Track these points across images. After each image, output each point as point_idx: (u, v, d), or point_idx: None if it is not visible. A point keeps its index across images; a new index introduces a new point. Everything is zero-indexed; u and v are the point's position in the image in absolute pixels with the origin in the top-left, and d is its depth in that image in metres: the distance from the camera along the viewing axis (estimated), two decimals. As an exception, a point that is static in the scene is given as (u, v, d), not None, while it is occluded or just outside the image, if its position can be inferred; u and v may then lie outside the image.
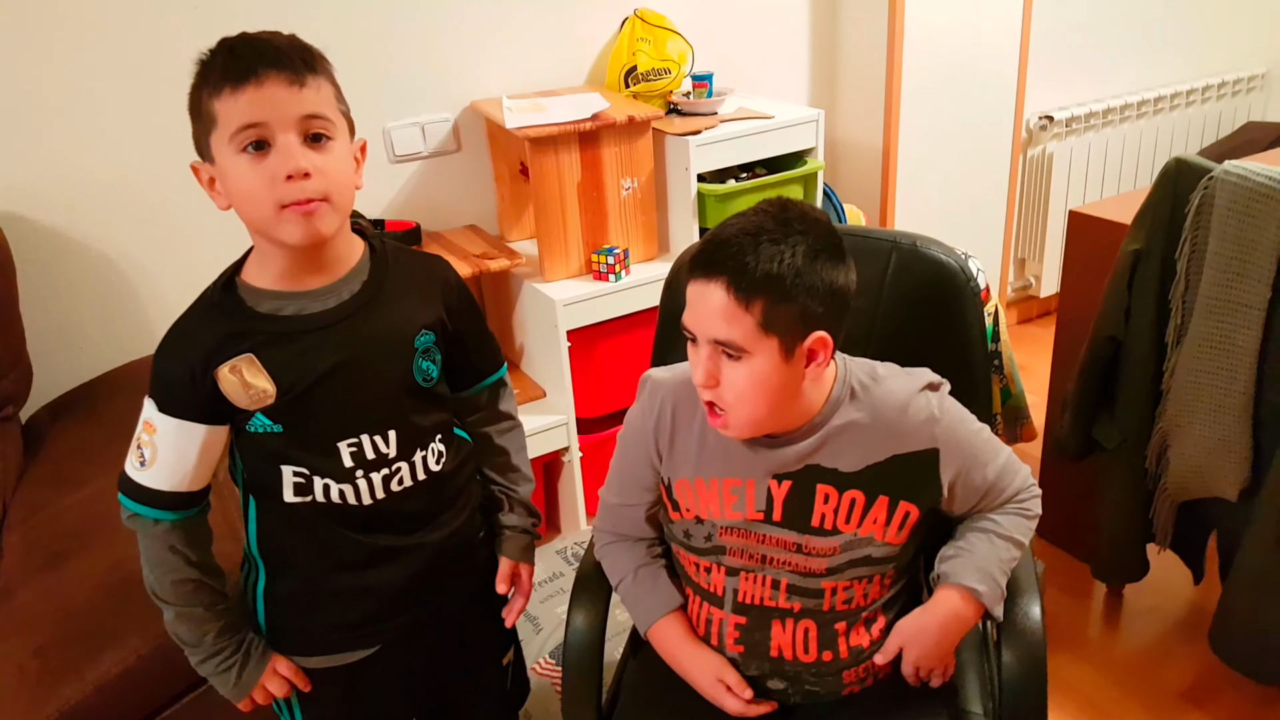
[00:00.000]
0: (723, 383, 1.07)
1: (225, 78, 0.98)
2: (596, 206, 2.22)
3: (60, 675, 1.27)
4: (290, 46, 1.02)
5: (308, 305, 1.10)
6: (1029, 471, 1.24)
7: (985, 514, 1.21)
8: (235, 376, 1.07)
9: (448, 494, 1.25)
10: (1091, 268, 1.96)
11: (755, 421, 1.10)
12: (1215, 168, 1.61)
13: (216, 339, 1.07)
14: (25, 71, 1.86)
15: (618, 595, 1.30)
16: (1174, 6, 3.36)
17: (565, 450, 2.32)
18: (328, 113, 1.03)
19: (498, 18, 2.31)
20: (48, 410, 1.93)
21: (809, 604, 1.17)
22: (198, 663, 1.17)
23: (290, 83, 0.99)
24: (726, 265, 1.02)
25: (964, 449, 1.16)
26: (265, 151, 1.00)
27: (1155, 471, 1.83)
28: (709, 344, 1.06)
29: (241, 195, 1.02)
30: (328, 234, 1.05)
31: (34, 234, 1.93)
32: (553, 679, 1.92)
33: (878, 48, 2.69)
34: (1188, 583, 1.98)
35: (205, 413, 1.08)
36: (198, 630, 1.15)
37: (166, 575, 1.12)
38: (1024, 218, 3.28)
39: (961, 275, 1.35)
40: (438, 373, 1.20)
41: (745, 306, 1.02)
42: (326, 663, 1.23)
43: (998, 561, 1.17)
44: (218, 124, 1.00)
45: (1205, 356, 1.67)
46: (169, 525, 1.11)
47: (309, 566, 1.19)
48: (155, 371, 1.10)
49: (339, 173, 1.04)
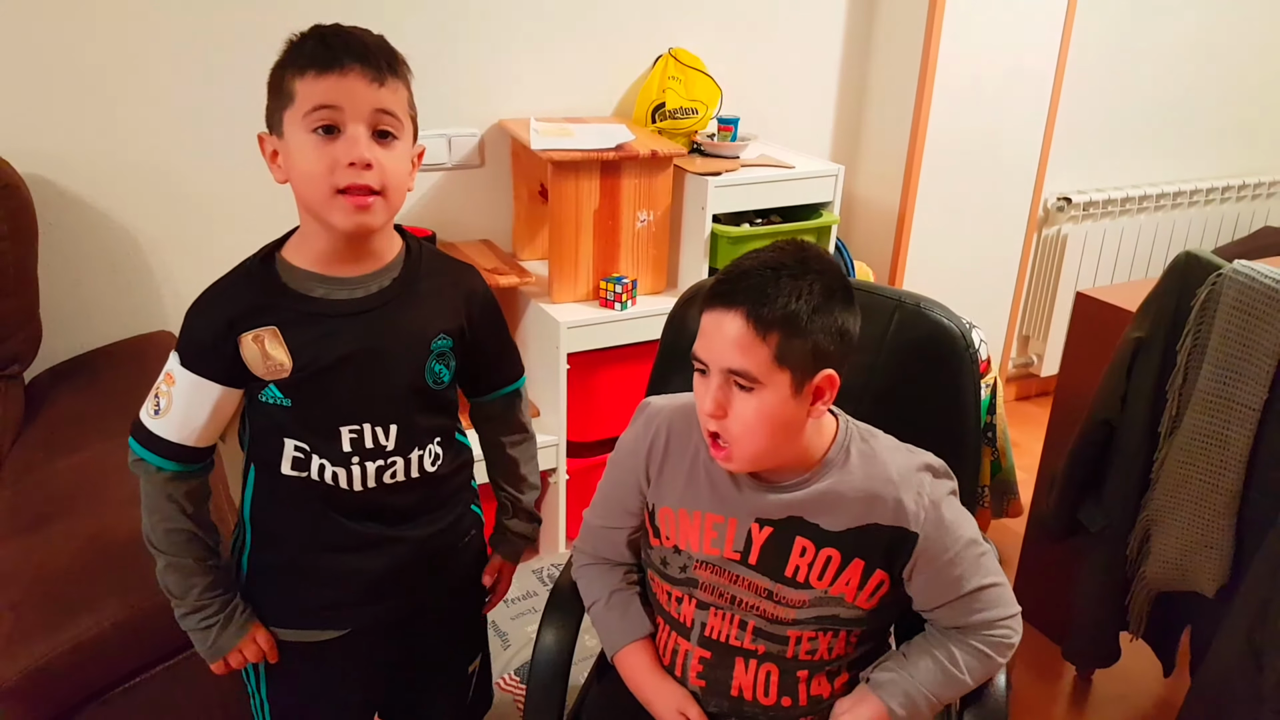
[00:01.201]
0: (731, 414, 1.07)
1: (313, 62, 1.04)
2: (610, 235, 2.25)
3: (35, 632, 1.28)
4: (378, 46, 1.07)
5: (337, 291, 1.13)
6: (1018, 613, 1.22)
7: (950, 636, 1.19)
8: (257, 345, 1.11)
9: (438, 495, 1.27)
10: (1093, 350, 1.98)
11: (758, 455, 1.10)
12: (1225, 265, 1.63)
13: (246, 306, 1.11)
14: (71, 42, 1.90)
15: (589, 617, 1.31)
16: (1202, 104, 3.41)
17: (553, 472, 2.33)
18: (398, 112, 1.08)
19: (536, 41, 2.35)
20: (49, 374, 1.95)
21: (773, 649, 1.17)
22: (181, 616, 1.20)
23: (371, 79, 1.05)
24: (747, 296, 1.04)
25: (944, 546, 1.14)
26: (334, 136, 1.05)
27: (1135, 559, 1.83)
28: (721, 373, 1.06)
29: (302, 173, 1.07)
30: (375, 226, 1.10)
31: (59, 200, 1.96)
32: (515, 695, 1.92)
33: (904, 112, 2.74)
34: (1158, 674, 1.98)
35: (223, 375, 1.12)
36: (185, 582, 1.18)
37: (161, 523, 1.16)
38: (1032, 295, 3.31)
39: (962, 340, 1.36)
40: (449, 377, 1.23)
41: (762, 338, 1.03)
42: (296, 637, 1.25)
43: (930, 694, 1.15)
44: (294, 101, 1.05)
45: (1196, 451, 1.68)
46: (170, 475, 1.15)
47: (293, 541, 1.22)
48: (184, 328, 1.14)
49: (396, 171, 1.09)
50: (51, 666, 1.27)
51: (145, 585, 1.33)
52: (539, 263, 2.43)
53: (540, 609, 2.13)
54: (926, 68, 2.65)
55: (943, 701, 1.17)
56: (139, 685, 1.38)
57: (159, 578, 1.19)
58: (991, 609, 1.18)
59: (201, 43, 1.98)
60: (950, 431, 1.34)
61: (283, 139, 1.08)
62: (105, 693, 1.36)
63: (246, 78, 1.95)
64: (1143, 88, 3.27)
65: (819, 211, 2.46)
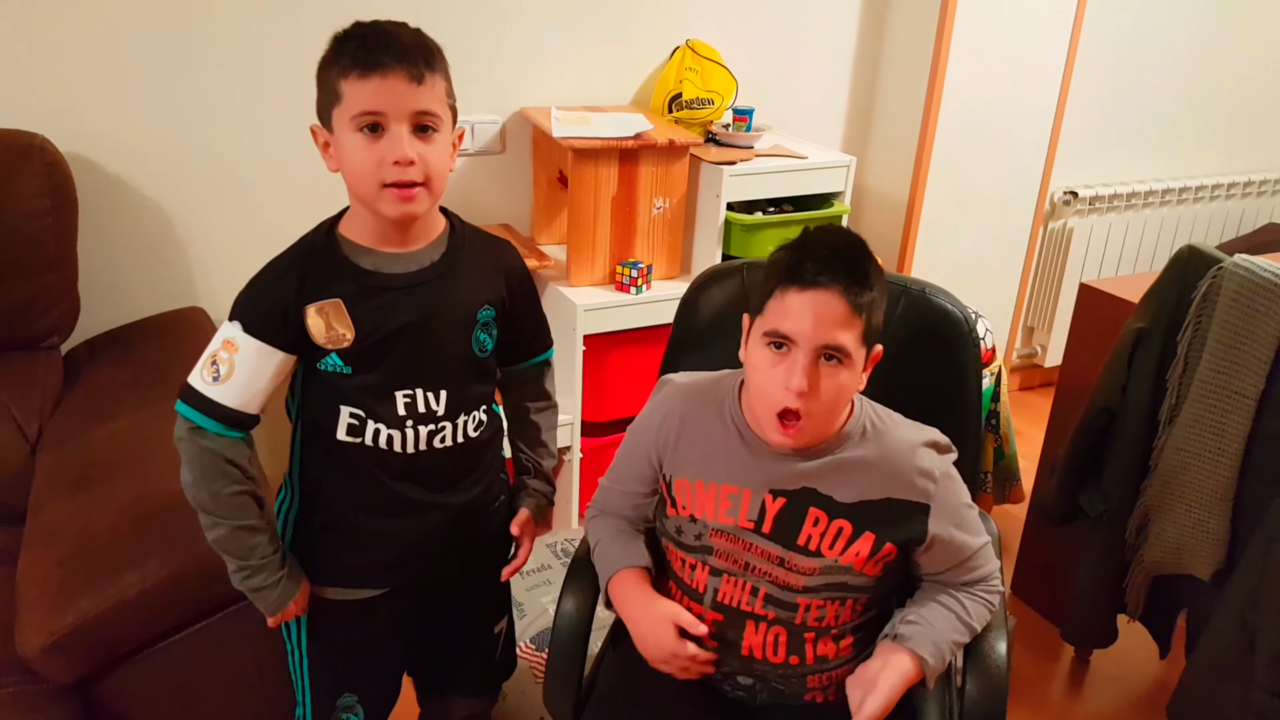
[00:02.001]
0: (818, 391, 1.11)
1: (355, 64, 1.10)
2: (627, 221, 2.30)
3: (80, 588, 1.33)
4: (415, 44, 1.14)
5: (393, 265, 1.21)
6: (999, 565, 1.30)
7: (952, 589, 1.25)
8: (321, 317, 1.18)
9: (478, 461, 1.35)
10: (1096, 341, 2.02)
11: (824, 428, 1.17)
12: (1225, 259, 1.67)
13: (313, 279, 1.18)
14: (110, 24, 1.95)
15: (593, 557, 1.36)
16: (1209, 101, 3.45)
17: (567, 450, 2.38)
18: (437, 109, 1.15)
19: (557, 32, 2.40)
20: (86, 346, 2.01)
21: (782, 615, 1.22)
22: (243, 578, 1.24)
23: (411, 79, 1.11)
24: (841, 274, 1.10)
25: (953, 514, 1.21)
26: (379, 135, 1.12)
27: (1134, 543, 1.87)
28: (813, 351, 1.10)
29: (351, 168, 1.14)
30: (420, 214, 1.18)
31: (98, 178, 2.01)
32: (532, 663, 1.98)
33: (915, 106, 2.78)
34: (1154, 656, 2.03)
35: (288, 342, 1.19)
36: (248, 543, 1.22)
37: (223, 488, 1.20)
38: (1038, 287, 3.35)
39: (965, 325, 1.40)
40: (491, 346, 1.30)
41: (858, 314, 1.10)
42: (337, 595, 1.32)
43: (951, 641, 1.22)
44: (342, 102, 1.11)
45: (1195, 438, 1.73)
46: (229, 440, 1.20)
47: (340, 505, 1.28)
48: (248, 298, 1.20)
49: (438, 162, 1.16)
50: (97, 622, 1.32)
51: (186, 545, 1.40)
52: (557, 247, 2.48)
53: (553, 581, 2.22)
54: (937, 62, 2.69)
55: (958, 648, 1.24)
56: (179, 641, 1.44)
57: (218, 544, 1.22)
58: (986, 564, 1.26)
59: (239, 25, 2.03)
60: (953, 411, 1.38)
61: (333, 134, 1.15)
62: (147, 648, 1.42)
63: (281, 59, 2.01)
64: (1150, 84, 3.30)
65: (830, 201, 2.51)
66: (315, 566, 1.31)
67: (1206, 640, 1.73)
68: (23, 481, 1.67)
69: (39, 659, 1.31)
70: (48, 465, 1.65)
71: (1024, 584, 2.37)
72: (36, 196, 1.75)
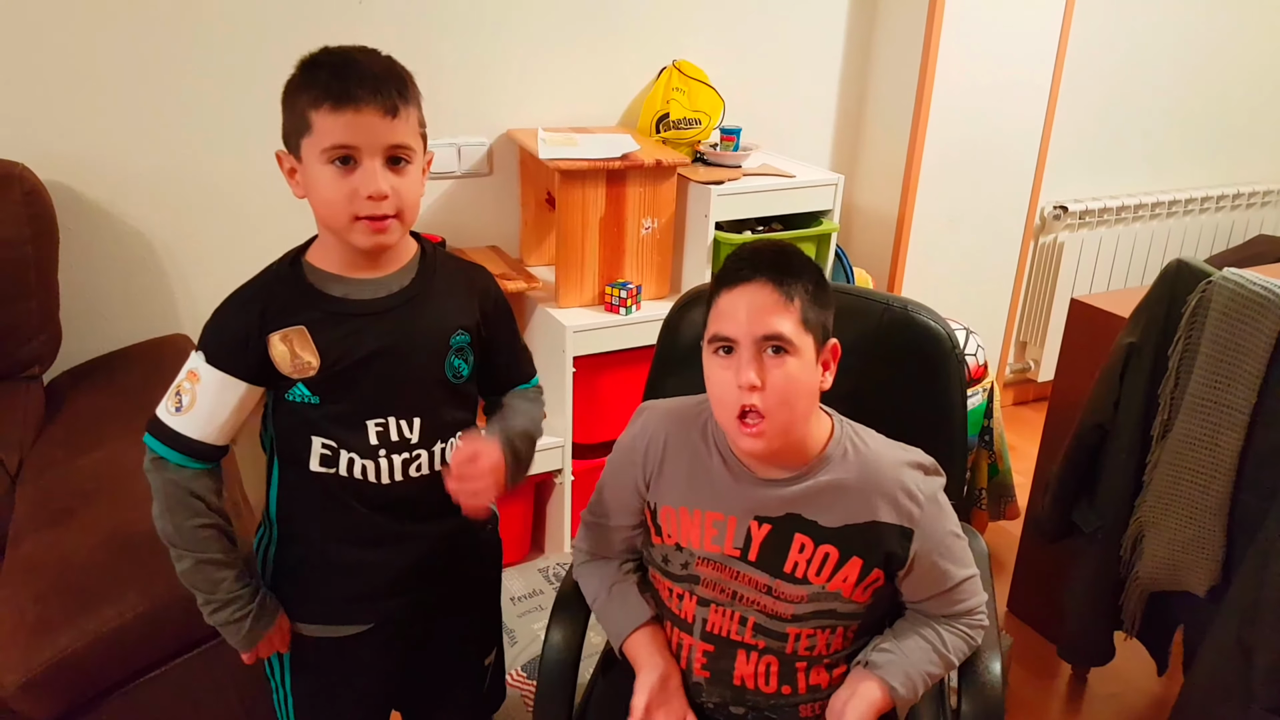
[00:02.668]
0: (767, 384, 1.10)
1: (327, 95, 1.07)
2: (615, 241, 2.29)
3: (58, 624, 1.31)
4: (388, 74, 1.11)
5: (360, 291, 1.18)
6: (987, 599, 1.28)
7: (934, 620, 1.24)
8: (285, 345, 1.15)
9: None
10: (1088, 355, 2.01)
11: (789, 426, 1.13)
12: (1214, 272, 1.67)
13: (276, 307, 1.16)
14: (90, 50, 1.94)
15: (594, 614, 1.34)
16: (1197, 114, 3.46)
17: (558, 472, 2.37)
18: (410, 140, 1.13)
19: (543, 53, 2.40)
20: (68, 375, 1.99)
21: (773, 644, 1.21)
22: (211, 611, 1.21)
23: (385, 113, 1.09)
24: (768, 267, 1.11)
25: (938, 542, 1.19)
26: (351, 167, 1.10)
27: (1129, 560, 1.87)
28: (753, 345, 1.10)
29: (322, 200, 1.12)
30: (392, 244, 1.17)
31: (77, 205, 2.00)
32: (523, 691, 1.96)
33: (903, 123, 2.78)
34: (1151, 673, 2.01)
35: (251, 373, 1.16)
36: (214, 576, 1.19)
37: (186, 520, 1.17)
38: (1029, 302, 3.35)
39: (948, 342, 1.40)
40: (468, 371, 1.27)
41: (789, 301, 1.10)
42: (320, 632, 1.29)
43: (925, 673, 1.20)
44: (312, 133, 1.09)
45: (1188, 454, 1.72)
46: (193, 472, 1.17)
47: (320, 538, 1.25)
48: (212, 328, 1.18)
49: (410, 193, 1.14)
50: (75, 657, 1.30)
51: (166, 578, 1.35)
52: (545, 268, 2.47)
53: (545, 606, 2.20)
54: (925, 79, 2.70)
55: (933, 680, 1.22)
56: (160, 676, 1.42)
57: (185, 578, 1.20)
58: (971, 598, 1.24)
59: (221, 50, 2.02)
60: (939, 431, 1.38)
61: (301, 163, 1.13)
62: (127, 683, 1.39)
63: (262, 85, 1.99)
64: (1138, 97, 3.31)
65: (819, 220, 2.50)
66: (296, 603, 1.28)
67: (1204, 656, 1.73)
68: (2, 514, 1.64)
69: (16, 697, 1.29)
70: (28, 497, 1.63)
71: (1020, 601, 2.36)
72: (15, 225, 1.74)
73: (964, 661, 1.26)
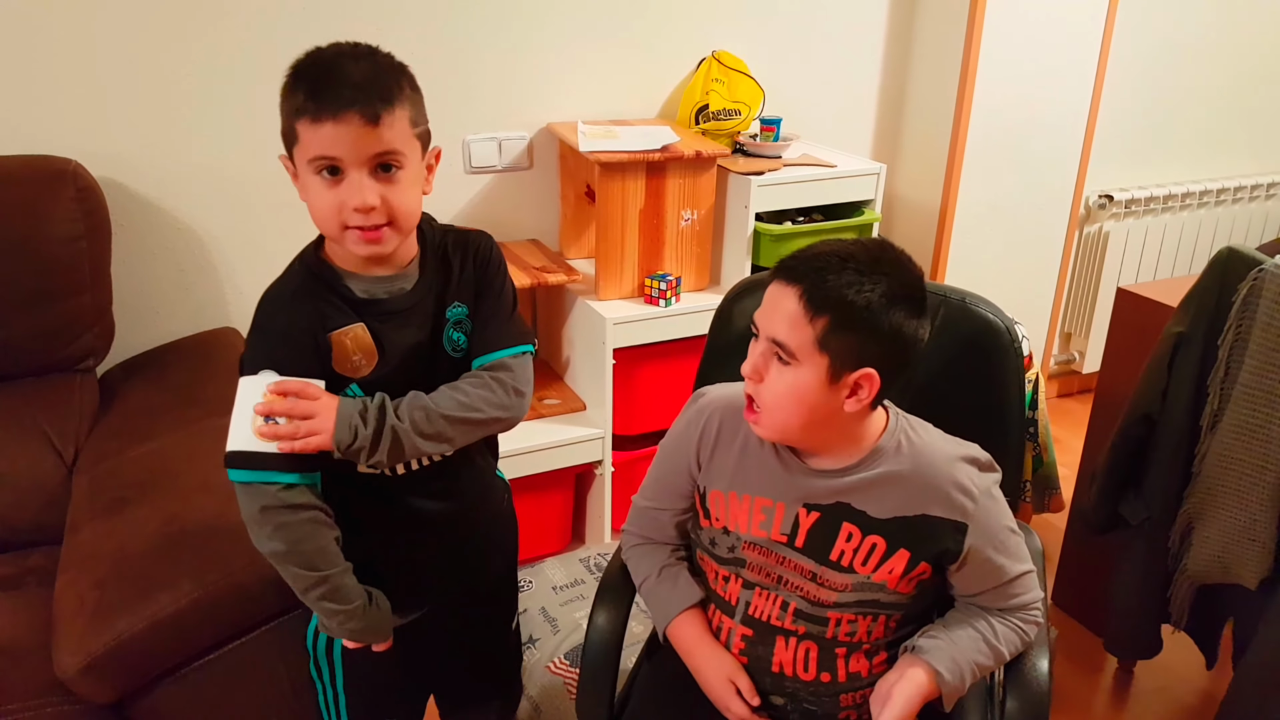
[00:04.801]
0: (765, 382, 1.12)
1: (306, 107, 1.06)
2: (655, 233, 2.30)
3: (117, 610, 1.35)
4: (371, 80, 1.07)
5: (388, 287, 1.18)
6: (1042, 596, 1.26)
7: (988, 612, 1.23)
8: (348, 343, 1.15)
9: (478, 466, 1.34)
10: (1135, 346, 1.99)
11: (784, 428, 1.15)
12: (1266, 260, 1.64)
13: (329, 304, 1.15)
14: (141, 50, 1.98)
15: (640, 596, 1.35)
16: (1245, 101, 3.39)
17: (599, 464, 2.38)
18: (399, 145, 1.09)
19: (582, 47, 2.41)
20: (121, 368, 2.03)
21: (813, 629, 1.21)
22: (345, 620, 1.18)
23: (366, 121, 1.05)
24: (808, 276, 1.08)
25: (992, 536, 1.18)
26: (338, 178, 1.09)
27: (1177, 552, 1.84)
28: (767, 341, 1.11)
29: (314, 209, 1.12)
30: (387, 253, 1.15)
31: (130, 202, 2.04)
32: (565, 679, 1.97)
33: (945, 111, 2.76)
34: (1200, 667, 1.99)
35: (320, 371, 1.15)
36: (347, 585, 1.17)
37: (327, 539, 1.15)
38: (1074, 293, 3.31)
39: (1007, 335, 1.38)
40: (466, 344, 1.25)
41: (810, 319, 1.07)
42: None
43: (974, 663, 1.19)
44: (299, 142, 1.08)
45: (1239, 444, 1.69)
46: (317, 487, 1.16)
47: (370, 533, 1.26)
48: (270, 339, 1.14)
49: (403, 200, 1.11)
50: (133, 642, 1.34)
51: (219, 565, 1.41)
52: (585, 261, 2.48)
53: (587, 596, 2.21)
54: (967, 66, 2.67)
55: (982, 672, 1.21)
56: (212, 661, 1.45)
57: (329, 599, 1.16)
58: (1026, 593, 1.23)
59: (267, 46, 2.06)
60: (995, 425, 1.36)
61: (295, 170, 1.13)
62: (183, 667, 1.43)
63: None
64: (1184, 84, 3.25)
65: (861, 210, 2.49)
66: None
67: (1255, 650, 1.70)
68: (60, 503, 1.69)
69: (76, 680, 1.32)
70: (84, 487, 1.67)
71: (1065, 594, 2.34)
72: (70, 221, 1.78)
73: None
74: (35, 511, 1.72)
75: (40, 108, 1.94)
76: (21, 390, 1.81)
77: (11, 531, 1.71)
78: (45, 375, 1.85)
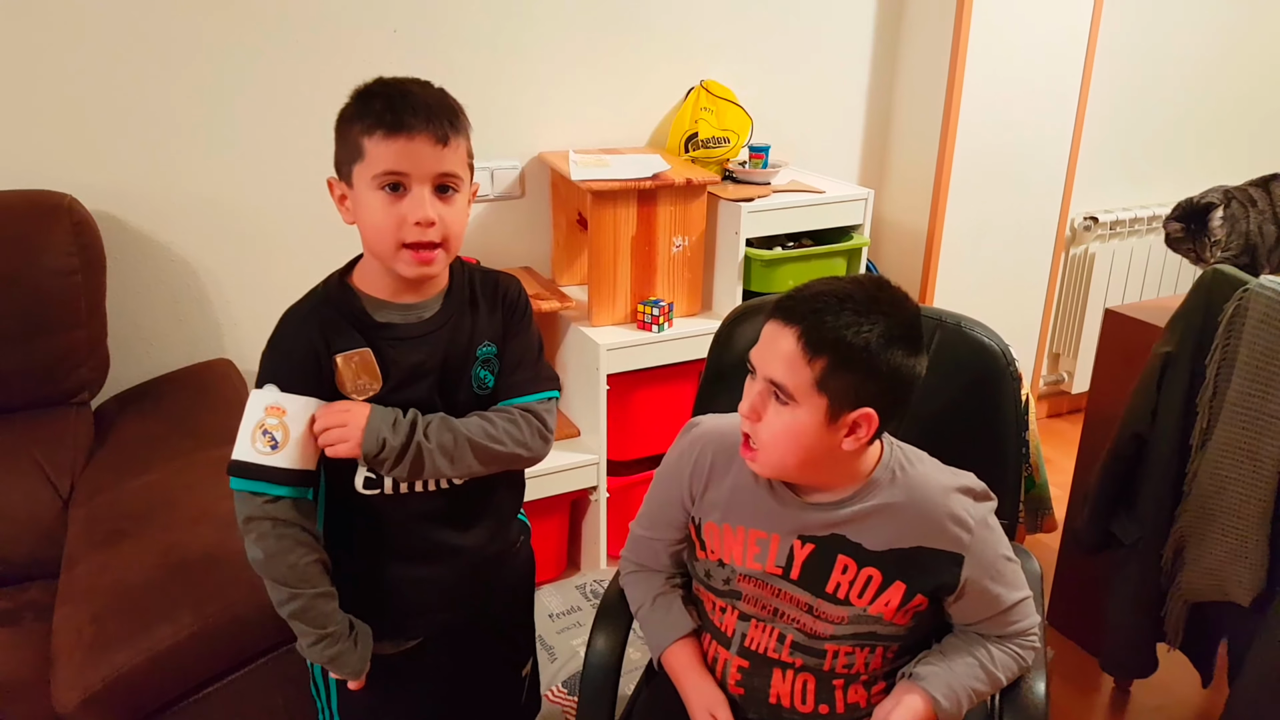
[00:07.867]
0: (763, 422, 1.12)
1: (380, 123, 1.11)
2: (647, 260, 2.31)
3: (115, 643, 1.34)
4: (440, 105, 1.14)
5: (408, 315, 1.21)
6: (1039, 621, 1.27)
7: (985, 639, 1.23)
8: (352, 366, 1.18)
9: (494, 501, 1.34)
10: (1123, 366, 2.00)
11: (781, 465, 1.15)
12: (1251, 280, 1.66)
13: (338, 328, 1.18)
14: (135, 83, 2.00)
15: (636, 621, 1.36)
16: (1228, 120, 3.44)
17: (593, 489, 2.38)
18: (459, 170, 1.16)
19: (573, 76, 2.44)
20: (116, 401, 2.03)
21: (810, 662, 1.21)
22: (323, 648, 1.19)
23: (436, 141, 1.12)
24: (806, 317, 1.08)
25: (989, 566, 1.18)
26: (400, 194, 1.13)
27: (1170, 571, 1.85)
28: (764, 381, 1.11)
29: (370, 225, 1.15)
30: (436, 274, 1.20)
31: (124, 234, 2.05)
32: (563, 706, 1.97)
33: (931, 136, 2.79)
34: (1196, 685, 1.99)
35: (324, 391, 1.18)
36: (325, 610, 1.19)
37: (302, 558, 1.17)
38: (1062, 313, 3.34)
39: (1002, 359, 1.38)
40: (493, 383, 1.29)
41: (808, 360, 1.07)
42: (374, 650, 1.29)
43: (970, 689, 1.19)
44: (364, 159, 1.12)
45: (1228, 463, 1.70)
46: (310, 505, 1.19)
47: (368, 557, 1.27)
48: (276, 356, 1.19)
49: (456, 223, 1.17)
50: (132, 675, 1.33)
51: (218, 597, 1.41)
52: (578, 288, 2.50)
53: (583, 623, 2.21)
54: (952, 91, 2.70)
55: (979, 698, 1.21)
56: (213, 693, 1.44)
57: (298, 617, 1.17)
58: (1023, 620, 1.24)
59: (264, 80, 2.07)
60: (991, 449, 1.37)
61: (352, 189, 1.16)
62: (181, 700, 1.42)
63: (301, 115, 2.06)
64: (1168, 105, 3.30)
65: (850, 234, 2.51)
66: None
67: (1250, 667, 1.71)
68: (56, 536, 1.69)
69: (75, 715, 1.32)
70: (80, 520, 1.67)
71: (1060, 614, 2.34)
72: (65, 255, 1.78)
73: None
74: (31, 545, 1.71)
75: (35, 142, 1.95)
76: (16, 424, 1.81)
77: (8, 566, 1.70)
78: (40, 409, 1.84)
